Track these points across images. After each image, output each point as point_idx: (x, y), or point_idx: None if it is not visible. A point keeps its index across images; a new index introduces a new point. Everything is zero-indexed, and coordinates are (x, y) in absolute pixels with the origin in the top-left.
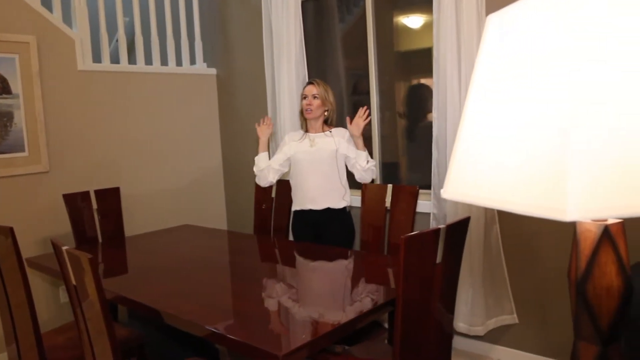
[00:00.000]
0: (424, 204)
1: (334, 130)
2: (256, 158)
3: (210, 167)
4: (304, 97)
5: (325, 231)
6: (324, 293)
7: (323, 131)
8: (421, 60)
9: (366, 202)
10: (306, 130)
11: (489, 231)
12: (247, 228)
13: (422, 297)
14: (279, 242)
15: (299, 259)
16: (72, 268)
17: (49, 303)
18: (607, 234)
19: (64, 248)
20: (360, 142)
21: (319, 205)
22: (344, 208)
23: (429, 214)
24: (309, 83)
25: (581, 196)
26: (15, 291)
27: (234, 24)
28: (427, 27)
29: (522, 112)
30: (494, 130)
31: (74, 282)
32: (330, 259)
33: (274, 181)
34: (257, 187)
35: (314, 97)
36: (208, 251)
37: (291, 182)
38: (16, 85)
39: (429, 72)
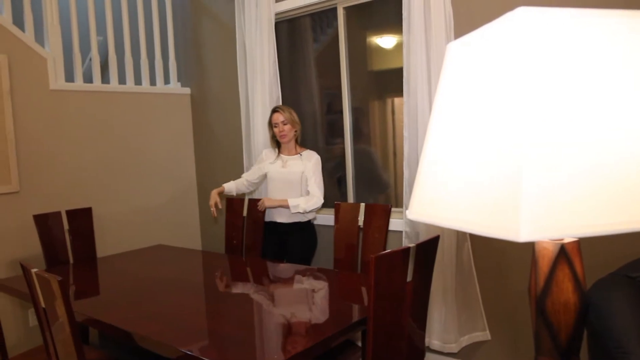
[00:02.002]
0: (396, 222)
1: (304, 153)
2: (226, 193)
3: (184, 187)
4: (274, 125)
5: (289, 240)
6: (297, 312)
7: (296, 152)
8: (394, 80)
9: (340, 221)
10: (279, 152)
11: (461, 249)
12: (222, 247)
13: (393, 315)
14: (251, 260)
15: (272, 278)
16: (41, 291)
17: (18, 326)
18: (563, 252)
19: (33, 271)
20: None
21: (285, 219)
22: (308, 221)
23: (401, 231)
24: (275, 111)
25: (534, 217)
26: None
27: (208, 43)
28: (400, 47)
29: (479, 136)
30: (453, 153)
31: (43, 305)
32: (303, 277)
33: (245, 190)
34: (227, 205)
35: (284, 124)
36: (181, 272)
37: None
38: None
39: (400, 92)
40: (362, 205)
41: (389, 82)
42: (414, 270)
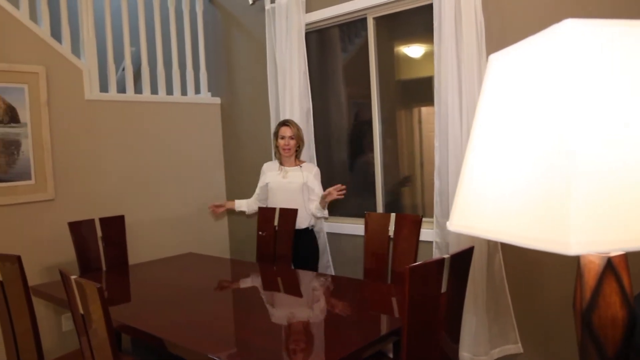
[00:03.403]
0: (426, 232)
1: (304, 165)
2: (236, 208)
3: (214, 195)
4: (281, 137)
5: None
6: (328, 322)
7: (295, 164)
8: (422, 89)
9: (369, 230)
10: (281, 163)
11: (492, 260)
12: (250, 256)
13: (427, 327)
14: (281, 270)
15: (302, 287)
16: (79, 297)
17: (52, 331)
18: (610, 266)
19: (73, 277)
20: (325, 204)
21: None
22: (306, 228)
23: (431, 242)
24: (285, 124)
25: (584, 230)
26: (20, 319)
27: (239, 54)
28: (427, 56)
29: (525, 147)
30: (497, 165)
31: (81, 311)
32: (334, 287)
33: (257, 208)
34: (259, 215)
35: (291, 138)
36: (211, 279)
37: (270, 201)
38: (24, 115)
39: (429, 101)
40: (393, 215)
41: (416, 91)
42: (448, 282)
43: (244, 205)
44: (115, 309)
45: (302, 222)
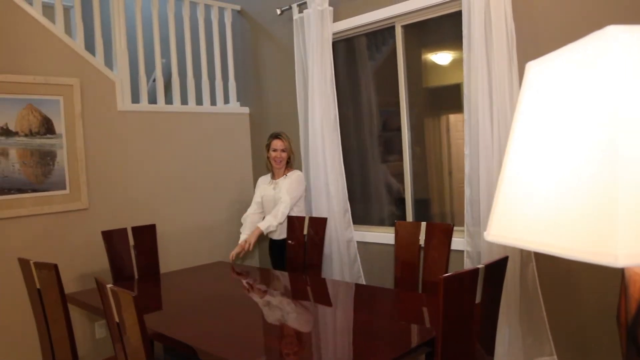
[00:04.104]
0: (456, 241)
1: (289, 174)
2: (265, 231)
3: (243, 204)
4: (273, 149)
5: (283, 254)
6: (359, 332)
7: (283, 175)
8: (450, 96)
9: (399, 240)
10: (273, 175)
11: (525, 269)
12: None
13: (461, 338)
14: (311, 279)
15: (332, 296)
16: (115, 305)
17: (85, 338)
18: None
19: (108, 286)
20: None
21: (277, 236)
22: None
23: (462, 251)
24: (277, 137)
25: (632, 241)
26: (57, 325)
27: (267, 63)
28: (455, 63)
29: (568, 156)
30: (538, 173)
31: (116, 319)
32: (364, 296)
33: (258, 219)
34: (289, 223)
35: (282, 151)
36: (241, 288)
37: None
38: (60, 126)
39: (457, 108)
40: (423, 224)
41: (444, 98)
42: (482, 292)
43: (244, 235)
44: (148, 317)
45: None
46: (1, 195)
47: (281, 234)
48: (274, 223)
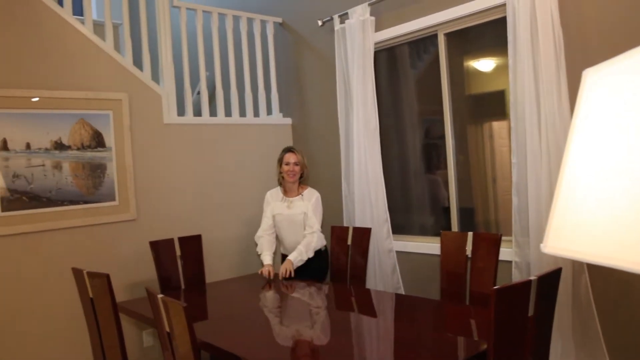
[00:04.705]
0: (503, 251)
1: (305, 193)
2: (262, 257)
3: None
4: (286, 163)
5: (300, 269)
6: (402, 344)
7: (298, 193)
8: (493, 103)
9: (445, 250)
10: (284, 191)
11: (578, 281)
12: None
13: (513, 352)
14: (355, 290)
15: (376, 308)
16: (166, 315)
17: (134, 346)
18: None
19: (159, 296)
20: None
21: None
22: (318, 251)
23: (509, 261)
24: (289, 151)
25: None
26: (108, 333)
27: (309, 75)
28: (499, 70)
29: (634, 166)
30: (601, 183)
31: (167, 329)
32: (409, 307)
33: (273, 239)
34: (333, 235)
35: (296, 164)
36: (285, 298)
37: (277, 232)
38: (109, 139)
39: (501, 115)
40: (470, 234)
41: (487, 105)
42: (535, 304)
43: (271, 254)
44: (195, 326)
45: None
46: (55, 207)
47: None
48: (304, 257)
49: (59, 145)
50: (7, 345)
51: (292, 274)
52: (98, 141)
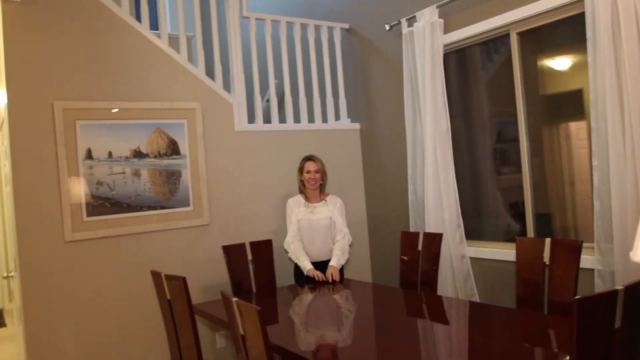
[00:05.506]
0: (584, 259)
1: (328, 198)
2: (301, 262)
3: (355, 220)
4: (307, 171)
5: (313, 278)
6: (479, 354)
7: (321, 199)
8: (569, 103)
9: (520, 257)
10: (306, 198)
11: None
12: (392, 280)
13: None
14: (426, 296)
15: (448, 315)
16: (240, 318)
17: (207, 347)
18: None
19: (234, 299)
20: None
21: (315, 258)
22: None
23: (591, 269)
24: (309, 159)
25: None
26: (184, 334)
27: (376, 79)
28: (575, 68)
29: None
30: None
31: (241, 332)
32: (483, 315)
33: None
34: (403, 239)
35: (316, 172)
36: (353, 304)
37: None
38: (184, 147)
39: (578, 115)
40: (548, 240)
41: (562, 105)
42: (622, 316)
43: (306, 259)
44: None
45: (328, 254)
46: (135, 212)
47: (318, 256)
48: (342, 261)
49: (138, 154)
50: (91, 341)
51: (338, 278)
52: (173, 149)
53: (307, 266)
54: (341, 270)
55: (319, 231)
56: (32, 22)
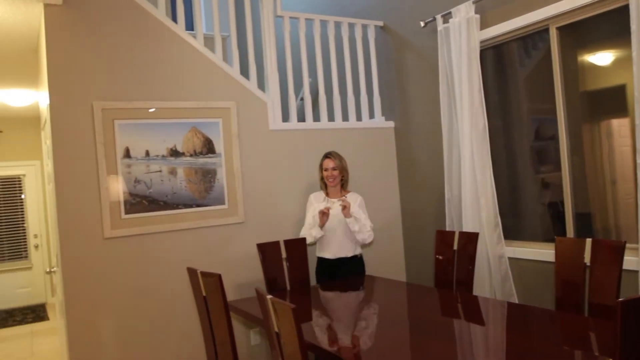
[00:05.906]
0: (628, 260)
1: (348, 195)
2: (313, 231)
3: (389, 217)
4: (325, 169)
5: (337, 273)
6: (518, 356)
7: (341, 196)
8: (612, 99)
9: (560, 257)
10: (327, 194)
11: None
12: (426, 280)
13: None
14: (461, 296)
15: (485, 316)
16: (275, 316)
17: (241, 344)
18: None
19: (269, 297)
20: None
21: (334, 255)
22: (354, 256)
23: (634, 271)
24: (327, 157)
25: None
26: (219, 330)
27: (411, 77)
28: (617, 63)
29: None
30: None
31: (276, 329)
32: (520, 316)
33: (318, 236)
34: (438, 238)
35: (334, 169)
36: (387, 303)
37: None
38: (219, 146)
39: (621, 112)
40: (588, 240)
41: (604, 102)
42: None
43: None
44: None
45: (348, 251)
46: (171, 210)
47: (337, 253)
48: (356, 227)
49: (174, 152)
50: (129, 334)
51: (348, 205)
52: (209, 148)
53: (316, 215)
54: (362, 265)
55: (338, 226)
56: (72, 24)
